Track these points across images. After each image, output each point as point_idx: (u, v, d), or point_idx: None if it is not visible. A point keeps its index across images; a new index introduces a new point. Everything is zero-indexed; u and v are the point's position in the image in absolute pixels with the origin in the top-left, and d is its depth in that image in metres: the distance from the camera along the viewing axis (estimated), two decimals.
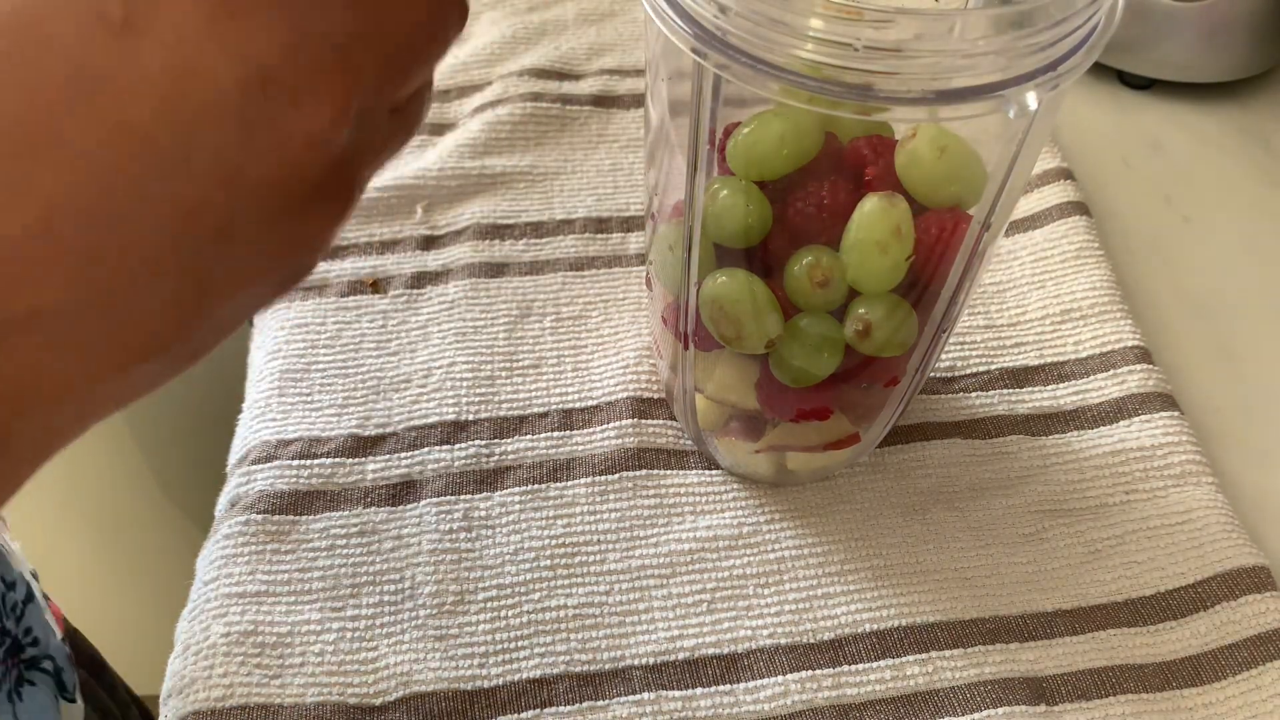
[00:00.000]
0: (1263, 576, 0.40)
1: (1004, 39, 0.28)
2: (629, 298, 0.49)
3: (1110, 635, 0.39)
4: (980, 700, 0.37)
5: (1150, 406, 0.44)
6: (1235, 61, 0.59)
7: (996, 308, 0.49)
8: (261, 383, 0.46)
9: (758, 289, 0.34)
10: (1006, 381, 0.46)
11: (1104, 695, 0.37)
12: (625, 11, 0.63)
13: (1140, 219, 0.54)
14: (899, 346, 0.36)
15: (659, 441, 0.43)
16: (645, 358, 0.46)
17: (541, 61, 0.59)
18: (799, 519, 0.41)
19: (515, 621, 0.38)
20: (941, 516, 0.42)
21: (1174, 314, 0.50)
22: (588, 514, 0.41)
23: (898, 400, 0.39)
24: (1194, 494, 0.42)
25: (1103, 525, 0.42)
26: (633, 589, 0.39)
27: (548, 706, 0.36)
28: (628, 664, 0.37)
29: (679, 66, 0.32)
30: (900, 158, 0.33)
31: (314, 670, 0.37)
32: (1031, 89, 0.28)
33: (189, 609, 0.39)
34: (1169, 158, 0.57)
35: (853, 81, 0.28)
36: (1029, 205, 0.53)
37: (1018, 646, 0.38)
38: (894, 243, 0.32)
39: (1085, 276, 0.49)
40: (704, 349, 0.38)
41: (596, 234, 0.51)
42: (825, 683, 0.37)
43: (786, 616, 0.39)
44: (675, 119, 0.34)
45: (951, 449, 0.44)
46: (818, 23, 0.27)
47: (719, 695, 0.37)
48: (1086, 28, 0.29)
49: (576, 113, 0.57)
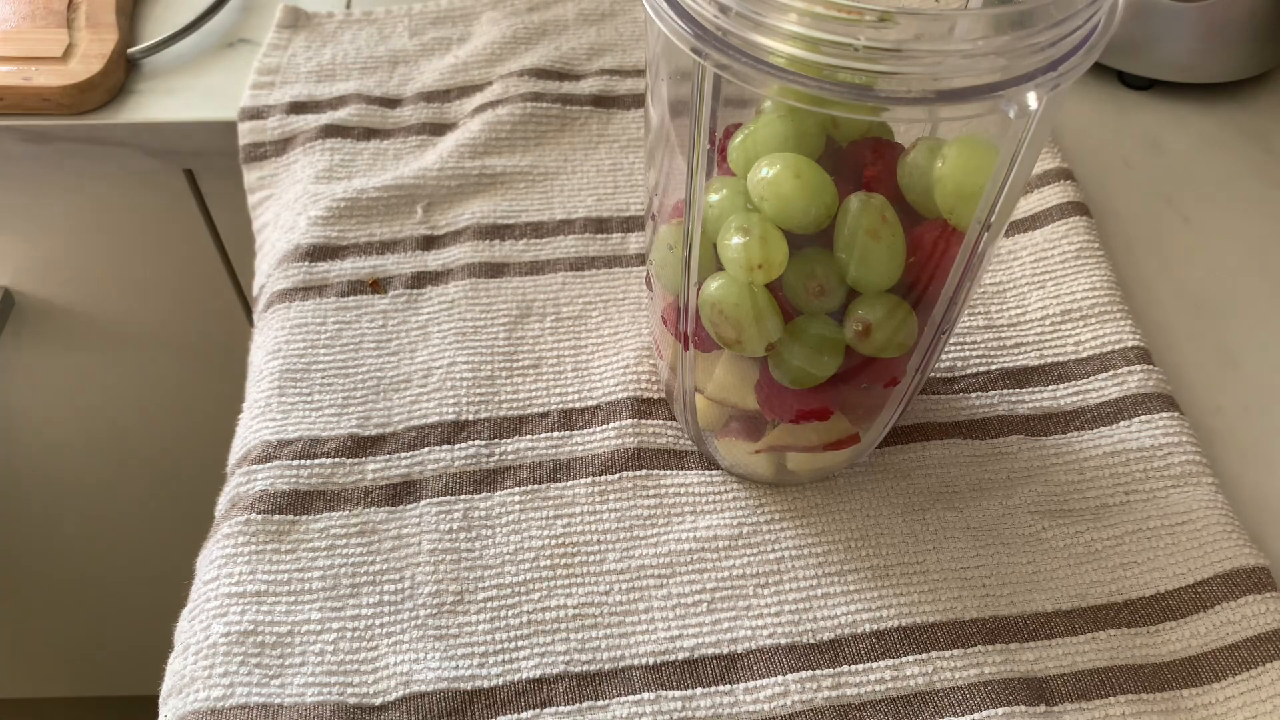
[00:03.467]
0: (1262, 577, 0.40)
1: (1004, 39, 0.28)
2: (629, 298, 0.49)
3: (1110, 635, 0.39)
4: (980, 700, 0.37)
5: (1150, 407, 0.44)
6: (1235, 62, 0.59)
7: (997, 308, 0.49)
8: (261, 383, 0.46)
9: (758, 292, 0.34)
10: (1006, 382, 0.46)
11: (1103, 695, 0.37)
12: (625, 11, 0.63)
13: (1140, 219, 0.54)
14: (899, 347, 0.36)
15: (659, 441, 0.43)
16: (645, 358, 0.46)
17: (541, 61, 0.59)
18: (799, 519, 0.41)
19: (515, 621, 0.38)
20: (941, 517, 0.42)
21: (1174, 314, 0.50)
22: (587, 514, 0.41)
23: (898, 401, 0.39)
24: (1194, 494, 0.42)
25: (1103, 525, 0.42)
26: (632, 589, 0.39)
27: (547, 706, 0.36)
28: (627, 664, 0.37)
29: (679, 66, 0.32)
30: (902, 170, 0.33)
31: (314, 670, 0.37)
32: (1032, 89, 0.28)
33: (189, 608, 0.39)
34: (1169, 158, 0.57)
35: (853, 81, 0.28)
36: (1029, 205, 0.53)
37: (1017, 647, 0.38)
38: (884, 228, 0.32)
39: (1085, 277, 0.49)
40: (704, 349, 0.38)
41: (596, 234, 0.51)
42: (825, 683, 0.37)
43: (786, 616, 0.39)
44: (675, 119, 0.34)
45: (951, 449, 0.44)
46: (818, 23, 0.27)
47: (718, 695, 0.37)
48: (1087, 28, 0.29)
49: (576, 113, 0.57)
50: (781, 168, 0.32)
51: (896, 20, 0.27)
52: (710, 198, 0.34)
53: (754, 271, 0.33)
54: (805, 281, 0.34)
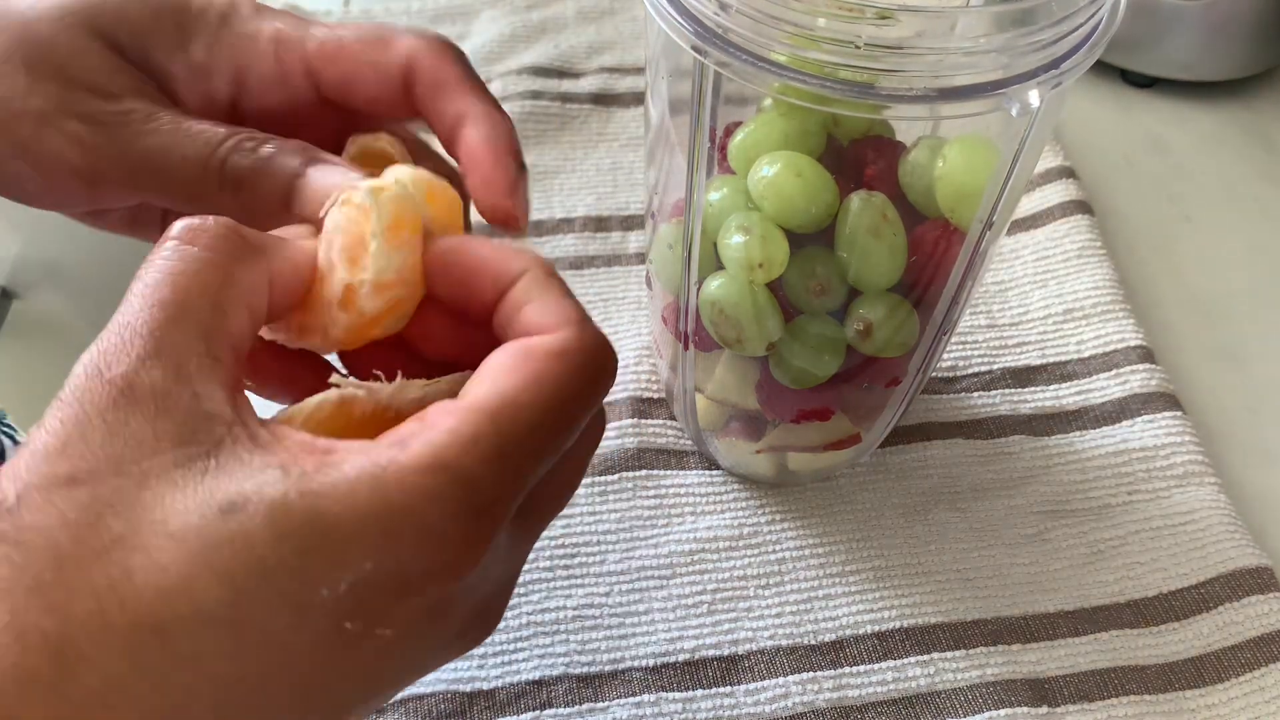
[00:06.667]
0: (1265, 577, 0.39)
1: (1006, 37, 0.27)
2: (629, 297, 0.49)
3: (1113, 636, 0.38)
4: (982, 702, 0.36)
5: (1153, 406, 0.44)
6: (1238, 60, 0.59)
7: (999, 307, 0.49)
8: None
9: (758, 291, 0.34)
10: (1009, 381, 0.46)
11: (1106, 696, 0.37)
12: (625, 9, 0.63)
13: (1143, 218, 0.54)
14: (900, 347, 0.35)
15: (659, 441, 0.43)
16: (645, 357, 0.46)
17: (541, 59, 0.59)
18: (800, 519, 0.41)
19: (514, 623, 0.38)
20: (943, 517, 0.42)
21: (1177, 313, 0.50)
22: (587, 514, 0.41)
23: (899, 400, 0.39)
24: (1197, 494, 0.42)
25: (1105, 526, 0.41)
26: (632, 590, 0.39)
27: (547, 708, 0.36)
28: (628, 665, 0.37)
29: (679, 64, 0.32)
30: (903, 168, 0.33)
31: None
32: (1034, 87, 0.28)
33: None
34: (1171, 156, 0.57)
35: (854, 79, 0.28)
36: (1031, 204, 0.52)
37: (1020, 648, 0.38)
38: (885, 227, 0.32)
39: (1088, 276, 0.49)
40: (704, 349, 0.38)
41: (596, 233, 0.51)
42: (826, 684, 0.37)
43: (787, 618, 0.39)
44: (675, 117, 0.33)
45: (953, 449, 0.44)
46: (819, 20, 0.27)
47: (719, 697, 0.37)
48: (1089, 26, 0.29)
49: (576, 111, 0.57)
50: (782, 166, 0.32)
51: (898, 18, 0.27)
52: (710, 196, 0.34)
53: (754, 270, 0.33)
54: (806, 281, 0.34)
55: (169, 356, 0.20)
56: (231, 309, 0.22)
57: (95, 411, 0.20)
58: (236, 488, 0.19)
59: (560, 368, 0.22)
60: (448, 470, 0.20)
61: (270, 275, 0.23)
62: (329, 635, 0.19)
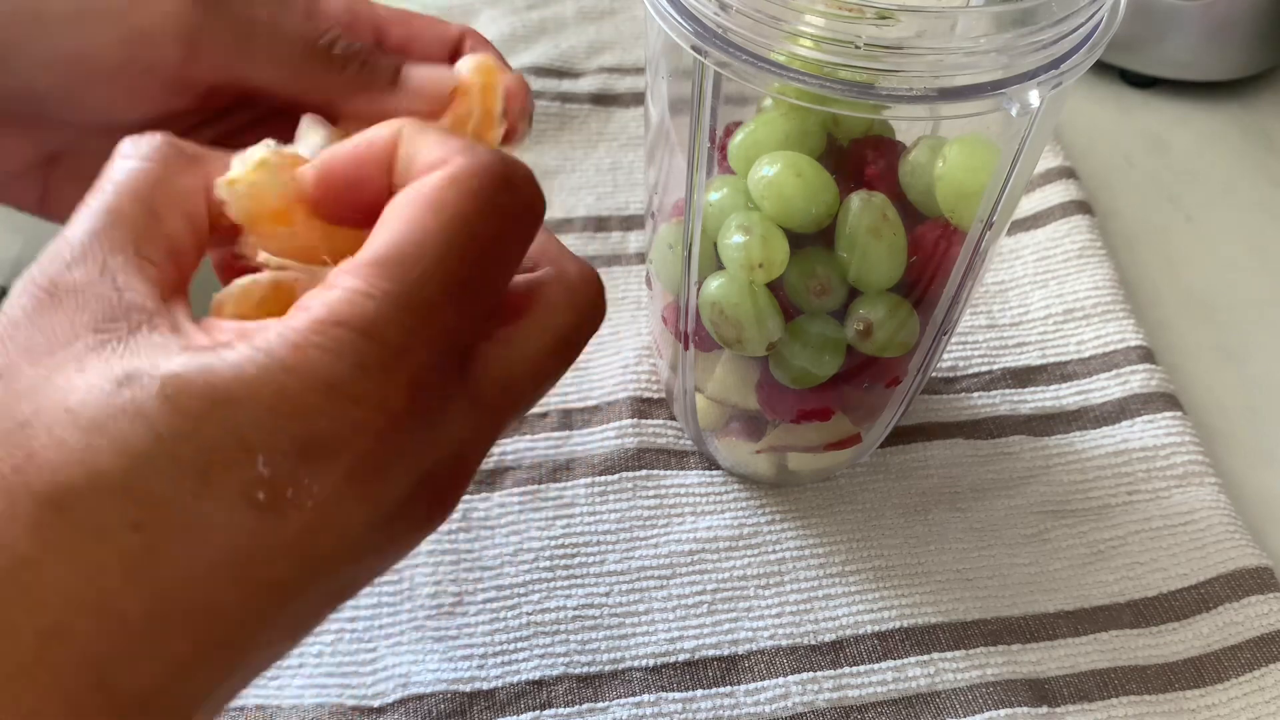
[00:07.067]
0: (1266, 577, 0.39)
1: (1006, 37, 0.27)
2: (629, 297, 0.49)
3: (1113, 636, 0.38)
4: (982, 702, 0.36)
5: (1153, 407, 0.44)
6: (1238, 60, 0.59)
7: (999, 307, 0.49)
8: None
9: (758, 291, 0.34)
10: (1009, 381, 0.46)
11: (1106, 697, 0.37)
12: (625, 9, 0.63)
13: (1143, 218, 0.54)
14: (900, 347, 0.35)
15: (659, 442, 0.43)
16: (645, 358, 0.46)
17: (541, 59, 0.59)
18: (800, 519, 0.41)
19: (514, 623, 0.38)
20: (943, 517, 0.42)
21: (1177, 313, 0.50)
22: (587, 514, 0.41)
23: (899, 400, 0.39)
24: (1197, 494, 0.42)
25: (1105, 526, 0.41)
26: (632, 590, 0.39)
27: (547, 708, 0.36)
28: (627, 665, 0.37)
29: (679, 64, 0.32)
30: (903, 168, 0.33)
31: (312, 671, 0.37)
32: (1034, 87, 0.28)
33: None
34: (1172, 156, 0.57)
35: (854, 79, 0.28)
36: (1031, 204, 0.52)
37: (1020, 648, 0.38)
38: (885, 227, 0.32)
39: (1088, 276, 0.49)
40: (704, 349, 0.38)
41: (596, 232, 0.51)
42: (826, 684, 0.37)
43: (787, 618, 0.39)
44: (675, 117, 0.33)
45: (953, 449, 0.44)
46: (819, 20, 0.27)
47: (719, 697, 0.37)
48: (1089, 26, 0.29)
49: (576, 111, 0.56)
50: (782, 166, 0.32)
51: (898, 18, 0.27)
52: (710, 196, 0.34)
53: (754, 270, 0.33)
54: (806, 281, 0.34)
55: (94, 257, 0.21)
56: (166, 212, 0.22)
57: (23, 315, 0.20)
58: (135, 363, 0.19)
59: (453, 193, 0.21)
60: (345, 324, 0.20)
61: (207, 183, 0.23)
62: (241, 506, 0.19)
